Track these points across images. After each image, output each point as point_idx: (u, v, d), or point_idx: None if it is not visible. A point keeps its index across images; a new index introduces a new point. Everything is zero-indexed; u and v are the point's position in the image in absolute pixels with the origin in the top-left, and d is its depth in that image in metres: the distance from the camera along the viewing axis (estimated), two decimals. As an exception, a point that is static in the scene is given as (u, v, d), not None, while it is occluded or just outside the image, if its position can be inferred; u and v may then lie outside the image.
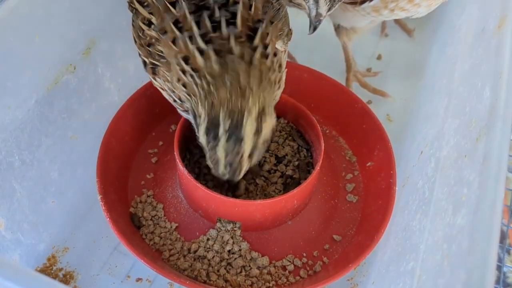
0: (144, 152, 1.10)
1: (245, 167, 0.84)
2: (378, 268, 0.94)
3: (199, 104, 0.81)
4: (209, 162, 0.85)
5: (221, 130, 0.79)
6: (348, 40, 1.23)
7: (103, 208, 0.92)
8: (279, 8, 0.88)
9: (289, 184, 1.02)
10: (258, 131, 0.81)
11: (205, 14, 0.81)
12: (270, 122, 0.83)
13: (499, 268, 1.00)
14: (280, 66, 0.87)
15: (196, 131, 0.85)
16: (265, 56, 0.83)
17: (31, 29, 0.90)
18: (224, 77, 0.79)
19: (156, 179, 1.06)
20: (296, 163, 1.05)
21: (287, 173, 1.03)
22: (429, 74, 1.27)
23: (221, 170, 0.84)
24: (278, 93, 0.89)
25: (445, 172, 0.85)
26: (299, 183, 0.98)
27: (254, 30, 0.83)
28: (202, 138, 0.82)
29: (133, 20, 0.92)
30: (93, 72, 1.07)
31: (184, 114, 0.93)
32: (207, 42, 0.80)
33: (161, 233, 0.97)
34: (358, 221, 1.02)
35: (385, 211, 0.96)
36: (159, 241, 0.96)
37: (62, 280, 0.95)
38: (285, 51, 0.90)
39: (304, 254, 0.97)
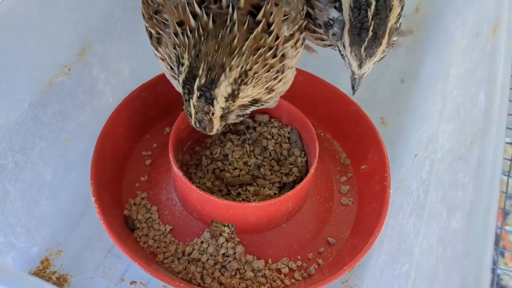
0: (138, 155, 1.10)
1: (216, 126, 0.83)
2: (373, 271, 0.95)
3: (186, 51, 0.79)
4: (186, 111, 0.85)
5: (196, 85, 0.77)
6: None
7: (97, 210, 0.92)
8: None
9: (284, 186, 1.02)
10: (233, 95, 0.79)
11: None
12: (251, 91, 0.82)
13: (493, 270, 1.00)
14: (283, 56, 0.85)
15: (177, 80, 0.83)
16: (267, 32, 0.81)
17: (25, 31, 0.90)
18: (218, 31, 0.78)
19: (150, 182, 1.05)
20: (291, 165, 1.05)
21: (281, 175, 1.03)
22: (424, 77, 1.27)
23: (192, 124, 0.84)
24: (276, 85, 0.87)
25: (439, 175, 0.85)
26: (293, 186, 0.98)
27: (257, 9, 0.81)
28: (179, 88, 0.81)
29: None
30: (87, 74, 1.06)
31: (174, 83, 0.90)
32: (203, 8, 0.80)
33: (155, 235, 0.97)
34: (352, 224, 1.02)
35: (380, 214, 0.96)
36: (153, 244, 0.96)
37: (56, 283, 0.94)
38: (296, 46, 0.88)
39: (299, 257, 0.97)
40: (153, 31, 0.88)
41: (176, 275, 0.91)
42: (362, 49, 0.87)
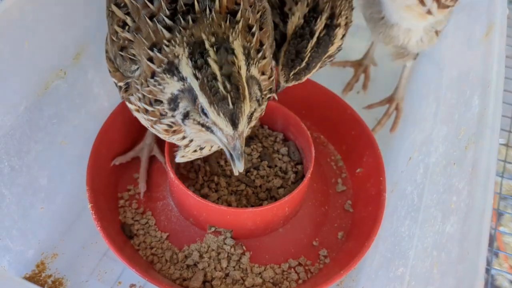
0: (133, 160, 1.08)
1: (244, 83, 0.72)
2: (368, 273, 0.95)
3: (176, 45, 0.74)
4: (203, 100, 0.71)
5: (207, 44, 0.72)
6: (410, 63, 1.15)
7: (94, 217, 0.92)
8: (265, 11, 0.86)
9: (281, 191, 1.02)
10: (245, 49, 0.76)
11: (181, 1, 0.77)
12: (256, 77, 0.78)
13: (487, 271, 1.01)
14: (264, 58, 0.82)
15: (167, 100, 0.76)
16: (250, 33, 0.78)
17: (21, 35, 0.90)
18: (204, 18, 0.75)
19: (146, 187, 1.05)
20: (287, 170, 1.05)
21: (278, 180, 1.03)
22: (417, 79, 1.28)
23: (221, 90, 0.70)
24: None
25: (434, 179, 0.86)
26: (290, 191, 0.98)
27: (234, 13, 0.77)
28: (186, 69, 0.72)
29: (106, 43, 0.88)
30: (83, 78, 1.06)
31: (162, 124, 0.81)
32: (175, 21, 0.75)
33: (152, 242, 0.97)
34: (348, 227, 1.03)
35: (376, 218, 0.97)
36: (150, 251, 0.96)
37: (51, 287, 0.94)
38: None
39: (296, 261, 0.97)
40: (121, 84, 0.86)
41: (174, 281, 0.91)
42: (291, 73, 0.92)
